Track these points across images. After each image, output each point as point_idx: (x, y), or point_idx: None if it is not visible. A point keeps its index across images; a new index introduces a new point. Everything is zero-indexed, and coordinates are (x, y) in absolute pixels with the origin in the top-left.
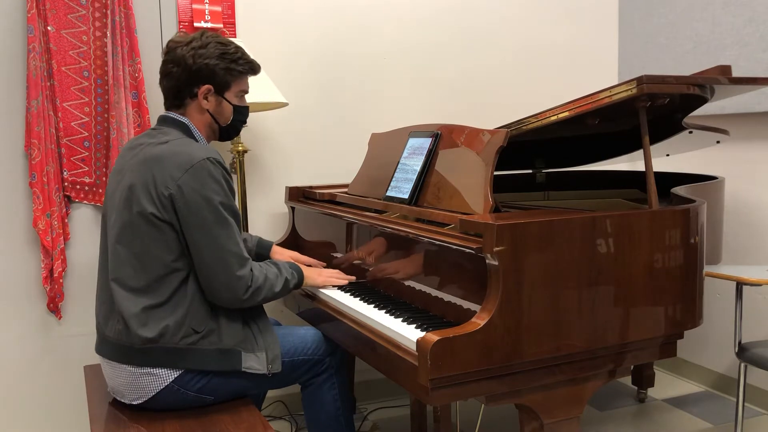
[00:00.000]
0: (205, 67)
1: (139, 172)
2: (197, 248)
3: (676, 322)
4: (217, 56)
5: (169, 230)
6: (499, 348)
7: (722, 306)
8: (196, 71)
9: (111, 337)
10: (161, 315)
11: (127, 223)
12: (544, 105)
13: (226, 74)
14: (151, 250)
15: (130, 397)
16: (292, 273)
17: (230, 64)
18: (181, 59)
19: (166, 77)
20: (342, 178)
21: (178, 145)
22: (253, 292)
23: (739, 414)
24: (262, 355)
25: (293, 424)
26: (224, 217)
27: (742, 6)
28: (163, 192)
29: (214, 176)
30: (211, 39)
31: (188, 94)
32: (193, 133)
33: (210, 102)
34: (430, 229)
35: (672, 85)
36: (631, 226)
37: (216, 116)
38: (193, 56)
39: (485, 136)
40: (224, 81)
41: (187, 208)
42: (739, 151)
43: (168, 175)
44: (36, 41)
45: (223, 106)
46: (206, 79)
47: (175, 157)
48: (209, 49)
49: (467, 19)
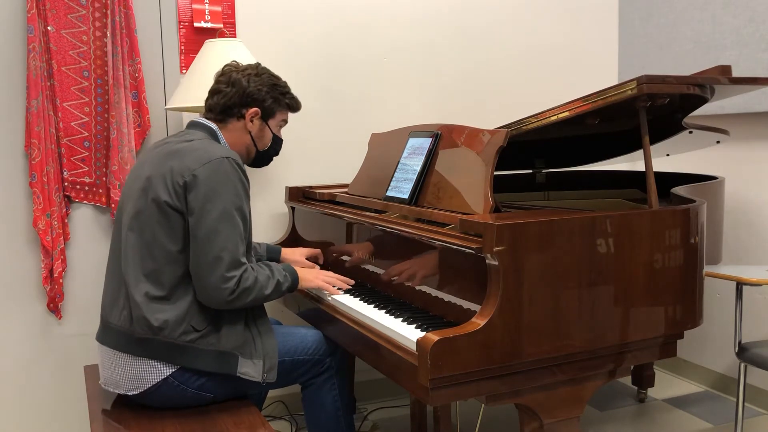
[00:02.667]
0: (257, 92)
1: (159, 164)
2: (195, 239)
3: (676, 322)
4: (269, 85)
5: (178, 219)
6: (499, 348)
7: (722, 306)
8: (249, 94)
9: (114, 324)
10: (162, 308)
11: (141, 210)
12: (544, 105)
13: (274, 103)
14: (158, 238)
15: (126, 387)
16: (285, 275)
17: (279, 96)
18: (237, 81)
19: (217, 94)
20: (342, 178)
21: (200, 143)
22: (240, 293)
23: (739, 414)
24: (259, 362)
25: (293, 424)
26: (231, 216)
27: (742, 6)
28: (178, 181)
29: (230, 176)
30: (265, 71)
31: (236, 114)
32: (218, 137)
33: (254, 125)
34: (430, 229)
35: (672, 85)
36: (631, 226)
37: (256, 140)
38: (248, 80)
39: (485, 136)
40: (271, 109)
41: (197, 198)
42: (739, 151)
43: (185, 166)
44: (36, 41)
45: (265, 132)
46: (256, 102)
47: (195, 152)
48: (263, 78)
49: (467, 19)
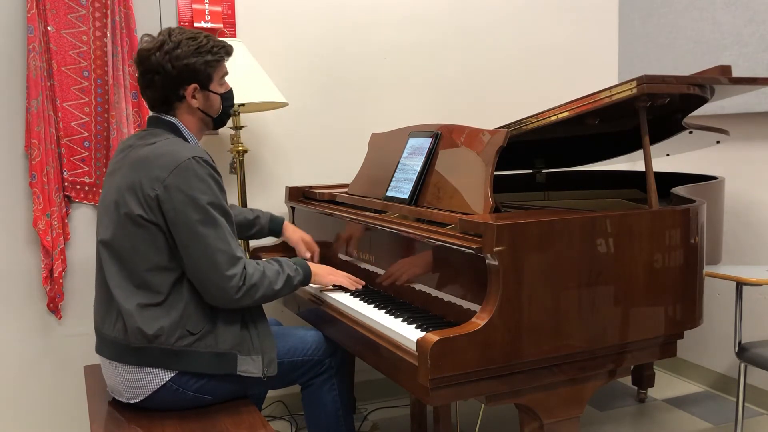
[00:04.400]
0: (185, 68)
1: (128, 174)
2: (185, 249)
3: (676, 322)
4: (193, 53)
5: (157, 231)
6: (499, 348)
7: (722, 306)
8: (178, 75)
9: (108, 335)
10: (156, 315)
11: (116, 224)
12: (544, 105)
13: (207, 67)
14: (140, 250)
15: (128, 395)
16: (297, 269)
17: (207, 56)
18: (160, 66)
19: (149, 88)
20: (342, 178)
21: (165, 145)
22: (248, 290)
23: (739, 414)
24: (258, 358)
25: (293, 424)
26: (212, 216)
27: (742, 6)
28: (149, 193)
29: (199, 176)
30: (180, 36)
31: (175, 98)
32: (182, 131)
33: (198, 99)
34: (430, 229)
35: (672, 85)
36: (631, 226)
37: (206, 111)
38: (171, 60)
39: (485, 136)
40: (206, 75)
41: (174, 209)
42: (739, 151)
43: (154, 177)
44: (36, 41)
45: (211, 99)
46: (190, 79)
47: (160, 158)
48: (183, 48)
49: (467, 19)
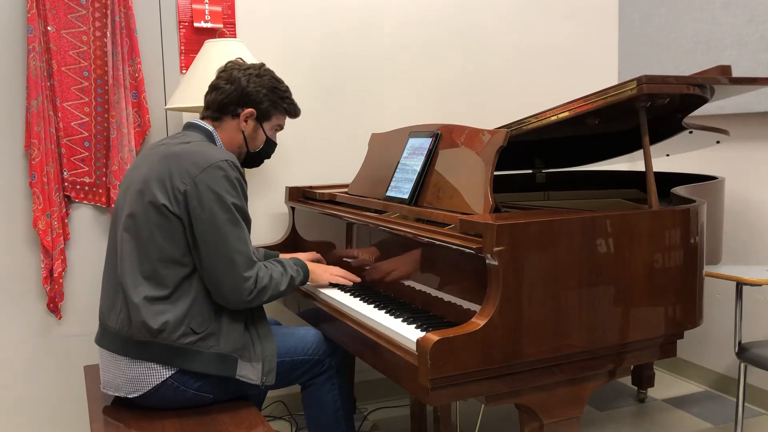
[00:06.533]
0: (255, 93)
1: (157, 166)
2: (206, 245)
3: (676, 322)
4: (269, 87)
5: (178, 223)
6: (499, 348)
7: (722, 306)
8: (246, 93)
9: (112, 327)
10: (161, 309)
11: (138, 211)
12: (544, 105)
13: (271, 106)
14: (157, 240)
15: (126, 389)
16: (297, 270)
17: (278, 99)
18: (236, 79)
19: (216, 90)
20: (342, 178)
21: (199, 146)
22: (258, 292)
23: (739, 414)
24: (258, 365)
25: (293, 424)
26: (236, 218)
27: (742, 6)
28: (179, 187)
29: (230, 178)
30: (267, 72)
31: (231, 112)
32: (215, 140)
33: (248, 126)
34: (430, 229)
35: (672, 85)
36: (631, 226)
37: (248, 140)
38: (248, 80)
39: (485, 136)
40: (267, 111)
41: (200, 205)
42: (739, 151)
43: (185, 171)
44: (36, 41)
45: (258, 134)
46: (253, 103)
47: (194, 156)
48: (264, 79)
49: (467, 19)
